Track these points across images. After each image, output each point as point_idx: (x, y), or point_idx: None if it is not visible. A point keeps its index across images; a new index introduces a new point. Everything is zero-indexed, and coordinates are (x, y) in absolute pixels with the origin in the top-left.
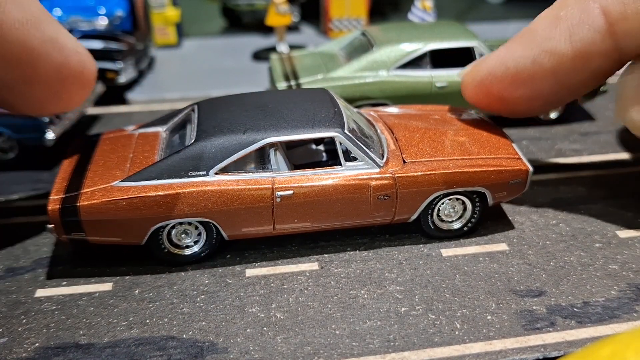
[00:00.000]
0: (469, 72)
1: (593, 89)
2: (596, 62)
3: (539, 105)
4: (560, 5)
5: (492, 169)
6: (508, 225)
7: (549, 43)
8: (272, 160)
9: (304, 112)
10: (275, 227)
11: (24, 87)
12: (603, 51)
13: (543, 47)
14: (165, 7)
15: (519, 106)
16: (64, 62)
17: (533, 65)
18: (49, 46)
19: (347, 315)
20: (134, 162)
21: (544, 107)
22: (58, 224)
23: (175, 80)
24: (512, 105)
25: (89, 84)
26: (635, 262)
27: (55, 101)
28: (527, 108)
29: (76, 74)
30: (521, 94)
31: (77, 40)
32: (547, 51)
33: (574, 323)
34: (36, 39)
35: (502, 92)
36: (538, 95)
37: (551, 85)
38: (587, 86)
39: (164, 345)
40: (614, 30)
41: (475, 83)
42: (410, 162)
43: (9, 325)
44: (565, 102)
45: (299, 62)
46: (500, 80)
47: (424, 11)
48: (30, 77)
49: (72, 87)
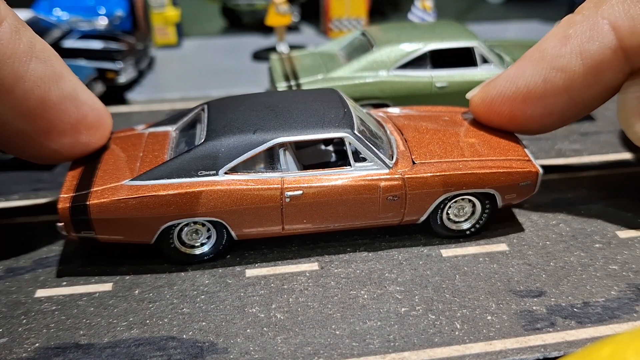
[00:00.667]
0: (478, 93)
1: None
2: (607, 77)
3: (550, 123)
4: (568, 23)
5: (502, 171)
6: (508, 225)
7: (560, 61)
8: (281, 161)
9: (313, 112)
10: (284, 227)
11: (40, 140)
12: (614, 66)
13: (553, 65)
14: (165, 7)
15: (530, 125)
16: (80, 118)
17: (545, 83)
18: (67, 102)
19: (347, 316)
20: (143, 161)
21: (556, 124)
22: (68, 223)
23: (175, 80)
24: (524, 124)
25: (104, 136)
26: (635, 263)
27: (70, 152)
28: (539, 126)
29: (92, 129)
30: (533, 112)
31: (95, 96)
32: (558, 69)
33: (574, 323)
34: (55, 95)
35: (514, 111)
36: (550, 113)
37: (564, 103)
38: (599, 101)
39: (164, 346)
40: (624, 45)
41: (486, 104)
42: (420, 163)
43: (9, 326)
44: (579, 118)
45: (299, 62)
46: (511, 100)
47: (424, 11)
48: (47, 131)
49: (87, 139)
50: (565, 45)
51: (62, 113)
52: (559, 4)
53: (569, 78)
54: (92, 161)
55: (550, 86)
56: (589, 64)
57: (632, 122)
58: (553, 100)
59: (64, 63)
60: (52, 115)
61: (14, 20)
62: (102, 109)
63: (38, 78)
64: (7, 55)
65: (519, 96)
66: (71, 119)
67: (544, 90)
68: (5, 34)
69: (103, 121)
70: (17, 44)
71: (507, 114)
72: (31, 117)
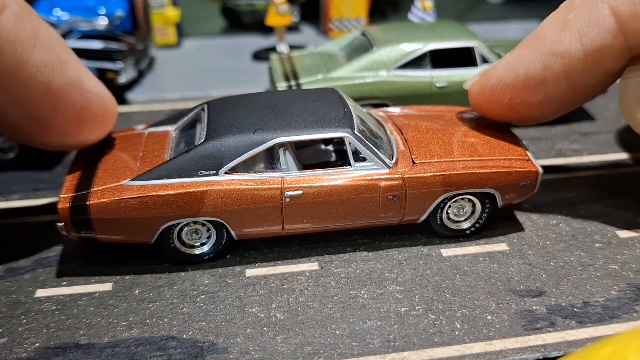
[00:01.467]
0: (476, 82)
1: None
2: (607, 62)
3: (550, 110)
4: (567, 8)
5: (501, 170)
6: (508, 225)
7: (559, 46)
8: (281, 160)
9: (313, 112)
10: (284, 227)
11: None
12: (614, 51)
13: (553, 50)
14: (165, 7)
15: (530, 113)
16: (84, 106)
17: (544, 70)
18: (71, 90)
19: (347, 315)
20: (144, 161)
21: (556, 111)
22: (68, 222)
23: (175, 80)
24: (523, 112)
25: (109, 124)
26: (635, 262)
27: (74, 139)
28: (539, 114)
29: (97, 117)
30: (532, 99)
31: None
32: (558, 54)
33: (574, 323)
34: (59, 82)
35: (513, 99)
36: (550, 100)
37: (564, 89)
38: (599, 87)
39: (164, 345)
40: (625, 30)
41: (484, 92)
42: (420, 162)
43: (9, 325)
44: (578, 106)
45: (299, 62)
46: (511, 87)
47: (424, 11)
48: (51, 117)
49: (92, 128)
50: (565, 30)
51: (66, 101)
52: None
53: (568, 64)
54: (92, 161)
55: (549, 72)
56: (589, 49)
57: (633, 110)
58: (553, 86)
59: (70, 50)
60: (56, 102)
61: (17, 7)
62: (107, 97)
63: (41, 65)
64: (10, 41)
65: (519, 83)
66: (75, 107)
67: (544, 77)
68: (7, 21)
69: (108, 109)
70: (20, 30)
71: (507, 102)
72: (34, 104)
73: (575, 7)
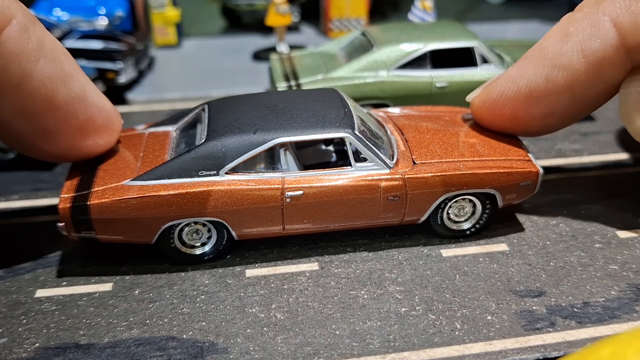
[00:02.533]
0: (478, 96)
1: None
2: (609, 74)
3: (553, 123)
4: (568, 21)
5: (502, 171)
6: (508, 225)
7: (562, 59)
8: (282, 161)
9: (314, 112)
10: (284, 227)
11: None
12: (616, 63)
13: (555, 63)
14: (165, 7)
15: (533, 125)
16: (88, 119)
17: (547, 82)
18: (75, 102)
19: (347, 316)
20: (144, 161)
21: (559, 124)
22: (68, 223)
23: (175, 80)
24: (526, 125)
25: (113, 137)
26: (635, 263)
27: (77, 151)
28: (541, 126)
29: (100, 130)
30: (535, 112)
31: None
32: (560, 67)
33: (574, 323)
34: (63, 95)
35: (516, 112)
36: (552, 112)
37: (566, 102)
38: (602, 99)
39: (164, 346)
40: (626, 41)
41: (486, 105)
42: (420, 163)
43: (9, 326)
44: (580, 118)
45: (299, 62)
46: (513, 100)
47: (424, 11)
48: (54, 129)
49: (95, 140)
50: (567, 43)
51: (69, 113)
52: (559, 4)
53: (571, 76)
54: (92, 161)
55: (552, 85)
56: (590, 61)
57: (633, 117)
58: (555, 99)
59: (75, 62)
60: (59, 115)
61: (23, 18)
62: (111, 110)
63: (46, 77)
64: (15, 54)
65: (521, 96)
66: (79, 120)
67: (546, 90)
68: (13, 33)
69: (112, 123)
70: (26, 42)
71: (509, 115)
72: (37, 117)
73: (577, 19)
